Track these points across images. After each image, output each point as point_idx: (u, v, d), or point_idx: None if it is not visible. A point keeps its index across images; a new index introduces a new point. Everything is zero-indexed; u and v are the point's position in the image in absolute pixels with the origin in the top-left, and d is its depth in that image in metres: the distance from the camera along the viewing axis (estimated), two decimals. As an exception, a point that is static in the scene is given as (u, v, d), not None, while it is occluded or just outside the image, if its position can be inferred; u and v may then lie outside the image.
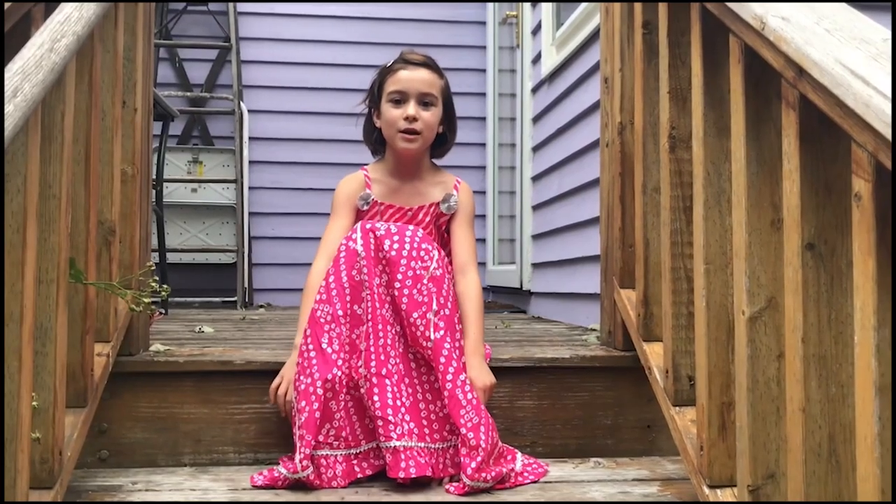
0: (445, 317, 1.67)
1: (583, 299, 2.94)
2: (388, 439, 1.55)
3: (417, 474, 1.52)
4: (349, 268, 1.69)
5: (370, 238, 1.69)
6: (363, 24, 4.78)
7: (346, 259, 1.70)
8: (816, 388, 1.06)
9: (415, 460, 1.54)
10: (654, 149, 1.72)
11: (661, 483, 1.61)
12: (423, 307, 1.65)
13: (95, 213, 1.53)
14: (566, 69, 3.30)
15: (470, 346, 1.74)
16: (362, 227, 1.72)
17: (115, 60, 1.65)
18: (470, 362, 1.71)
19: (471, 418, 1.57)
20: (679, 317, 1.53)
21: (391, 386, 1.60)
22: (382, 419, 1.57)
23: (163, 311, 3.19)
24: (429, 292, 1.67)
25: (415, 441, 1.57)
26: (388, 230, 1.71)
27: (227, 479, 1.62)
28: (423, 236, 1.73)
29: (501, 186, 4.53)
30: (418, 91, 1.89)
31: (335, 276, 1.69)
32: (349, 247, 1.70)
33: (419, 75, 1.90)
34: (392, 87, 1.89)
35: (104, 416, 1.69)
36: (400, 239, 1.69)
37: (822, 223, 1.08)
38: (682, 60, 1.56)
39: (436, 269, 1.70)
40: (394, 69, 1.91)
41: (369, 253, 1.68)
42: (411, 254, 1.68)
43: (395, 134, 1.89)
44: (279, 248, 4.62)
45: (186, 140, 4.76)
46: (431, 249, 1.72)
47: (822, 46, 0.99)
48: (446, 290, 1.71)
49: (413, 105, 1.88)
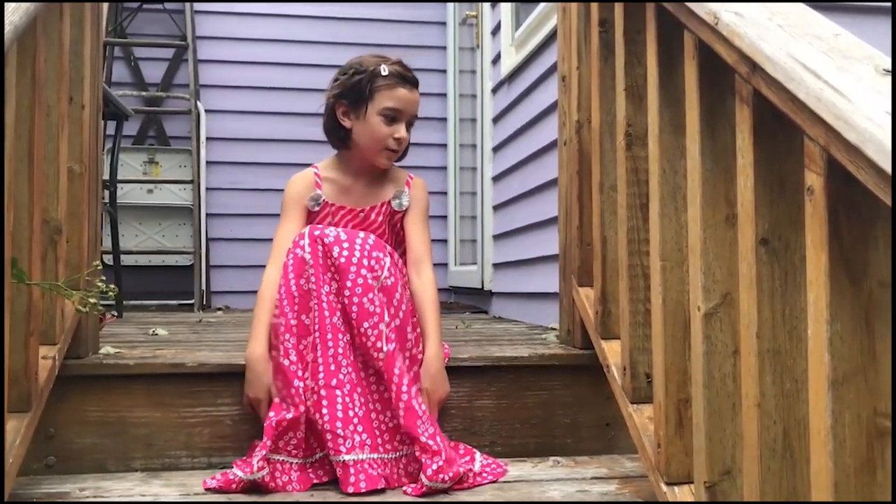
0: (397, 328, 1.67)
1: (543, 298, 2.94)
2: (337, 453, 1.54)
3: (368, 487, 1.50)
4: (297, 276, 1.66)
5: (318, 245, 1.66)
6: (323, 24, 4.74)
7: (294, 267, 1.67)
8: (771, 384, 1.06)
9: (365, 473, 1.52)
10: (611, 147, 1.72)
11: (620, 481, 1.61)
12: (375, 317, 1.63)
13: (40, 212, 1.48)
14: (525, 69, 3.30)
15: (430, 352, 1.72)
16: (310, 234, 1.68)
17: (60, 54, 1.60)
18: (429, 369, 1.70)
19: (426, 428, 1.57)
20: (636, 314, 1.53)
21: (342, 396, 1.58)
22: (331, 433, 1.55)
23: (115, 314, 3.12)
24: (380, 302, 1.65)
25: (366, 453, 1.55)
26: (338, 237, 1.67)
27: (180, 483, 1.58)
28: (374, 243, 1.70)
29: (463, 187, 4.52)
30: (411, 114, 1.88)
31: (285, 286, 1.67)
32: (297, 254, 1.67)
33: (416, 98, 1.89)
34: (388, 102, 1.84)
35: (51, 421, 1.64)
36: (350, 246, 1.66)
37: (776, 218, 1.08)
38: (638, 58, 1.56)
39: (387, 279, 1.67)
40: (392, 84, 1.85)
41: (317, 260, 1.65)
42: (361, 262, 1.65)
43: (380, 150, 1.86)
44: (237, 250, 4.56)
45: (142, 140, 4.67)
46: (383, 257, 1.69)
47: (775, 41, 0.99)
48: (398, 299, 1.69)
49: (404, 127, 1.87)
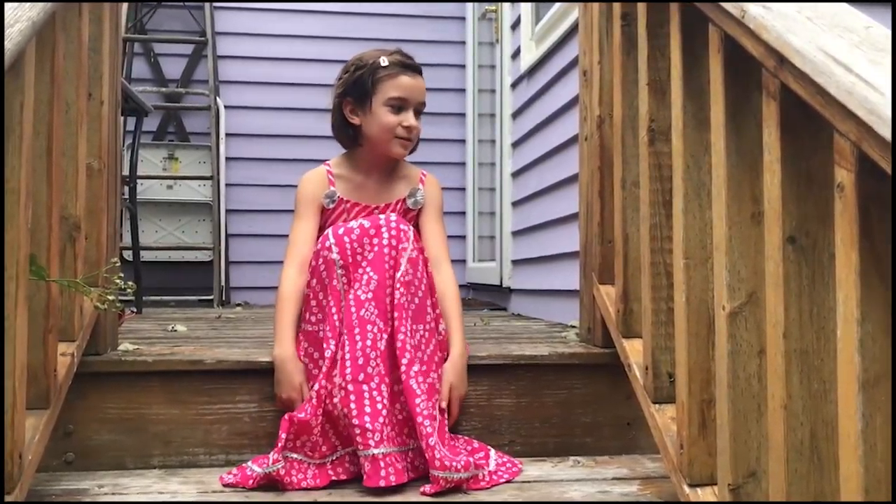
0: (419, 303, 1.67)
1: (563, 296, 2.92)
2: (366, 447, 1.51)
3: (398, 482, 1.49)
4: (330, 279, 1.66)
5: (346, 244, 1.66)
6: (342, 19, 4.73)
7: (327, 270, 1.67)
8: (798, 385, 1.04)
9: (394, 467, 1.50)
10: (633, 142, 1.70)
11: (641, 482, 1.59)
12: (403, 306, 1.63)
13: (59, 209, 1.48)
14: (545, 64, 3.28)
15: (456, 350, 1.72)
16: (335, 233, 1.68)
17: (79, 51, 1.60)
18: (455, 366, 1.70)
19: (426, 407, 1.56)
20: (659, 313, 1.51)
21: (369, 391, 1.56)
22: (360, 427, 1.52)
23: (135, 310, 3.13)
24: (404, 285, 1.65)
25: (393, 447, 1.54)
26: (362, 227, 1.67)
27: (198, 481, 1.58)
28: (396, 217, 1.72)
29: (481, 183, 4.50)
30: (418, 101, 1.87)
31: (321, 290, 1.68)
32: (326, 257, 1.67)
33: (420, 84, 1.88)
34: (393, 92, 1.84)
35: (70, 418, 1.64)
36: (377, 232, 1.66)
37: (804, 215, 1.06)
38: (661, 52, 1.53)
39: (412, 251, 1.68)
40: (394, 73, 1.84)
41: (346, 259, 1.65)
42: (391, 242, 1.66)
43: (391, 139, 1.85)
44: (257, 246, 4.56)
45: (162, 136, 4.69)
46: (407, 229, 1.69)
47: (804, 34, 0.97)
48: (420, 270, 1.68)
49: (413, 115, 1.86)
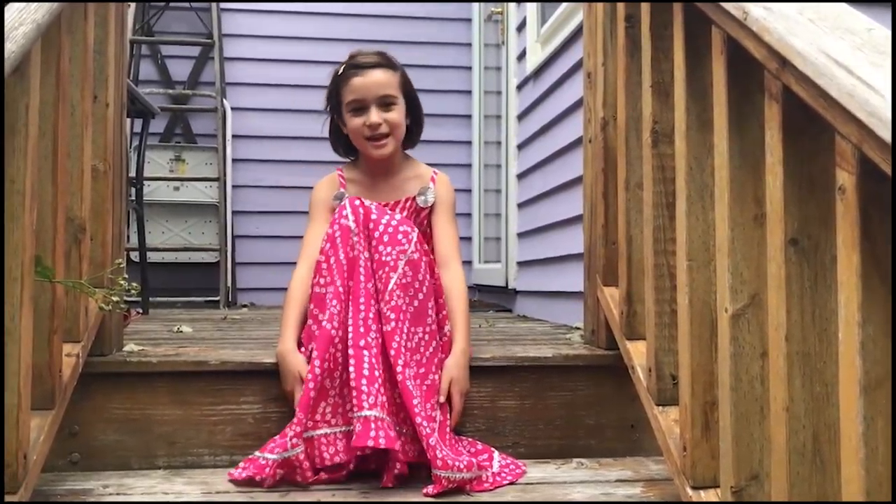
0: (419, 304, 1.67)
1: (568, 297, 2.92)
2: (360, 409, 1.51)
3: (387, 445, 1.48)
4: (344, 244, 1.66)
5: (360, 213, 1.68)
6: (347, 21, 4.74)
7: (342, 236, 1.67)
8: (800, 387, 1.04)
9: (384, 431, 1.49)
10: (636, 144, 1.70)
11: (645, 484, 1.59)
12: (395, 292, 1.63)
13: (64, 210, 1.49)
14: (551, 65, 3.28)
15: (459, 346, 1.72)
16: (352, 203, 1.70)
17: (84, 53, 1.61)
18: (458, 362, 1.70)
19: (423, 408, 1.57)
20: (662, 314, 1.50)
21: (369, 357, 1.56)
22: (356, 389, 1.53)
23: (140, 311, 3.14)
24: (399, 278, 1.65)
25: (386, 415, 1.53)
26: (378, 207, 1.71)
27: (202, 481, 1.58)
28: (401, 218, 1.72)
29: (487, 184, 4.50)
30: (376, 95, 1.86)
31: (334, 255, 1.67)
32: (342, 224, 1.68)
33: (373, 79, 1.86)
34: (349, 96, 1.86)
35: (75, 418, 1.65)
36: (387, 219, 1.69)
37: (806, 218, 1.06)
38: (664, 54, 1.53)
39: (413, 253, 1.67)
40: (346, 77, 1.87)
41: (359, 227, 1.67)
42: (394, 235, 1.67)
43: (363, 142, 1.88)
44: (263, 247, 4.57)
45: (169, 138, 4.71)
46: (410, 231, 1.69)
47: (806, 36, 0.97)
48: (423, 273, 1.68)
49: (374, 111, 1.85)
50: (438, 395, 1.65)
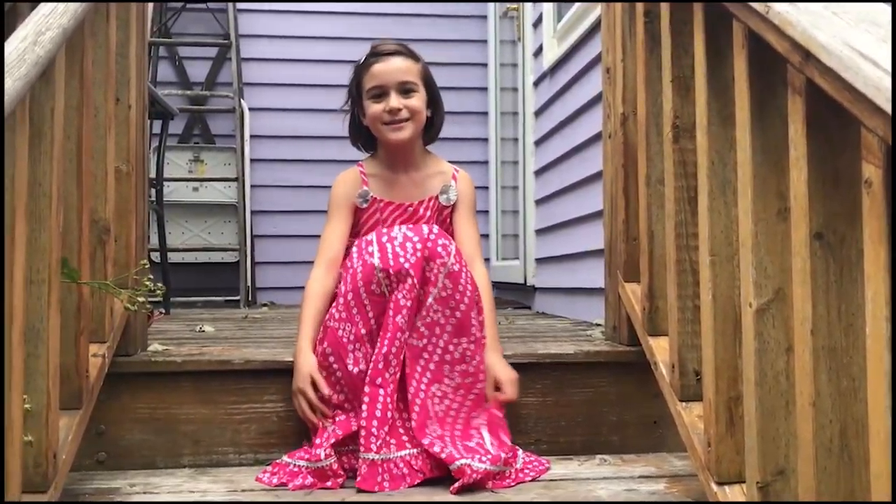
0: (461, 315, 1.65)
1: (587, 294, 2.91)
2: (367, 450, 1.54)
3: (391, 488, 1.52)
4: (367, 282, 1.64)
5: (387, 250, 1.64)
6: (363, 20, 4.74)
7: (364, 274, 1.64)
8: (827, 382, 1.03)
9: (389, 473, 1.53)
10: (657, 139, 1.69)
11: (669, 480, 1.59)
12: (428, 316, 1.65)
13: (89, 212, 1.50)
14: (568, 61, 3.27)
15: (490, 342, 1.72)
16: (378, 240, 1.67)
17: (107, 56, 1.62)
18: (492, 359, 1.70)
19: (434, 429, 1.60)
20: (685, 310, 1.50)
21: (384, 396, 1.58)
22: (366, 429, 1.56)
23: (163, 311, 3.16)
24: (436, 302, 1.65)
25: (394, 452, 1.56)
26: (405, 236, 1.66)
27: (227, 480, 1.60)
28: (438, 231, 1.69)
29: (504, 181, 4.50)
30: (396, 81, 1.85)
31: (353, 292, 1.64)
32: (366, 261, 1.65)
33: (394, 65, 1.86)
34: (370, 83, 1.86)
35: (102, 418, 1.67)
36: (420, 240, 1.65)
37: (831, 212, 1.05)
38: (684, 49, 1.53)
39: (453, 265, 1.65)
40: (367, 64, 1.87)
41: (387, 265, 1.63)
42: (430, 257, 1.64)
43: (381, 127, 1.86)
44: (282, 247, 4.59)
45: (188, 139, 4.73)
46: (448, 244, 1.67)
47: (830, 29, 0.96)
48: (462, 285, 1.66)
49: (394, 96, 1.84)
50: (482, 387, 1.67)
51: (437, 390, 1.65)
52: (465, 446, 1.59)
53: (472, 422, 1.64)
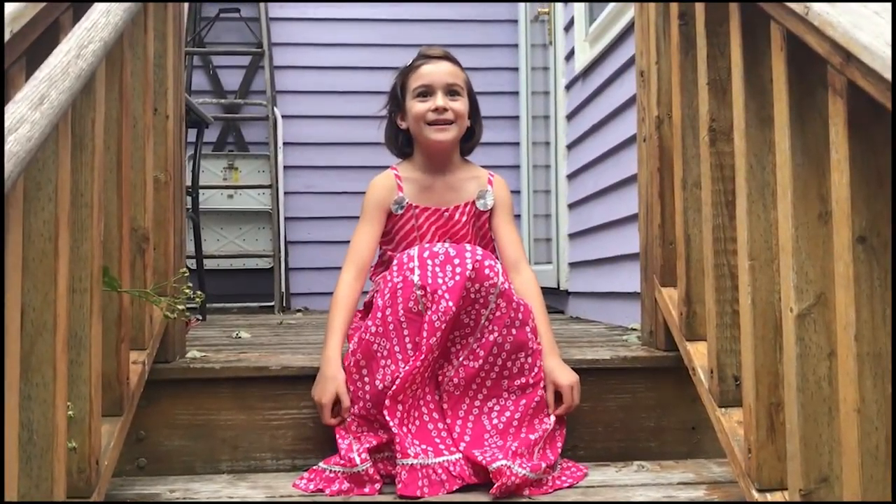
0: (518, 326, 1.65)
1: (622, 298, 2.89)
2: (405, 456, 1.54)
3: (430, 494, 1.51)
4: (406, 300, 1.63)
5: (427, 266, 1.64)
6: (394, 26, 4.76)
7: (403, 292, 1.63)
8: (872, 388, 1.01)
9: (429, 479, 1.52)
10: (693, 142, 1.68)
11: (708, 486, 1.57)
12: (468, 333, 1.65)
13: (128, 221, 1.53)
14: (600, 64, 3.26)
15: (546, 347, 1.71)
16: (420, 256, 1.66)
17: (145, 67, 1.65)
18: (551, 363, 1.69)
19: (495, 442, 1.60)
20: (723, 315, 1.49)
21: (401, 413, 1.59)
22: (400, 436, 1.56)
23: (200, 318, 3.20)
24: (475, 315, 1.64)
25: (431, 458, 1.55)
26: (447, 254, 1.64)
27: (265, 486, 1.61)
28: (483, 253, 1.66)
29: (536, 185, 4.49)
30: (444, 82, 1.87)
31: (392, 308, 1.63)
32: (406, 277, 1.64)
33: (443, 67, 1.89)
34: (417, 82, 1.88)
35: (141, 424, 1.69)
36: (461, 262, 1.62)
37: (875, 215, 1.03)
38: (720, 51, 1.51)
39: (503, 283, 1.64)
40: (416, 66, 1.90)
41: (425, 281, 1.62)
42: (481, 272, 1.62)
43: (424, 127, 1.86)
44: (315, 252, 4.63)
45: (222, 147, 4.79)
46: (495, 264, 1.66)
47: (872, 29, 0.95)
48: (516, 300, 1.66)
49: (441, 96, 1.85)
50: (547, 408, 1.67)
51: (496, 405, 1.65)
52: (511, 451, 1.58)
53: (530, 434, 1.62)
